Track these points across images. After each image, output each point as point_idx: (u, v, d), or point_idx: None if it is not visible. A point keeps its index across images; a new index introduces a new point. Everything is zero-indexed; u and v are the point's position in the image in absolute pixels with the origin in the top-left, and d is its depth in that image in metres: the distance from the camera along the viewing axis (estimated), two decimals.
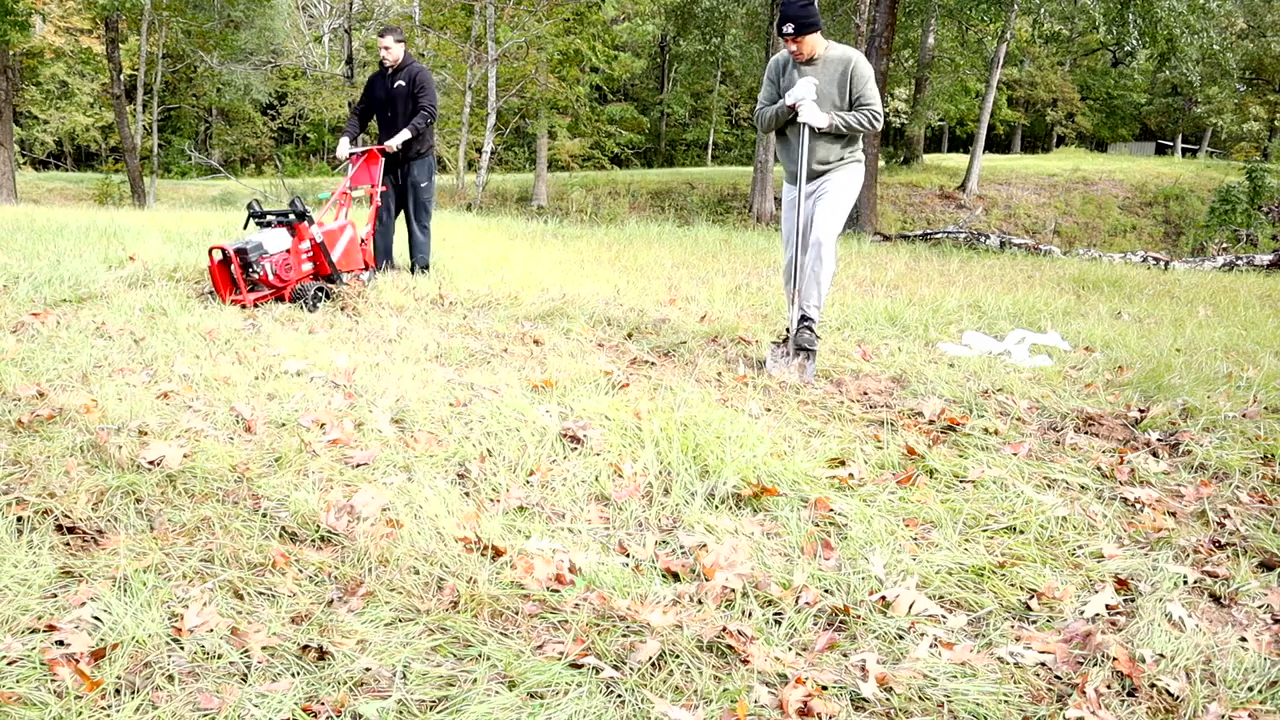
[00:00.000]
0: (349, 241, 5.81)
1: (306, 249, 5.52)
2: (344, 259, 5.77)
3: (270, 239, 5.33)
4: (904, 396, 4.07)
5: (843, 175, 4.49)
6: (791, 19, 4.15)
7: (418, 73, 6.27)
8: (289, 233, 5.45)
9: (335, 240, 5.69)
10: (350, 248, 5.82)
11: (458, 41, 20.59)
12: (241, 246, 5.21)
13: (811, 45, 4.27)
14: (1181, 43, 18.38)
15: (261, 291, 5.33)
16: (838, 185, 4.48)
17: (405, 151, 6.29)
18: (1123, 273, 9.27)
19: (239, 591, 2.28)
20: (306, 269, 5.54)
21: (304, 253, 5.51)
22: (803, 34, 4.19)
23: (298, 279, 5.47)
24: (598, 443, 3.22)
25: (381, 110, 6.42)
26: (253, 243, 5.25)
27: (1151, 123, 41.65)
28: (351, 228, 5.82)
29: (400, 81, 6.26)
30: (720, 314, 5.71)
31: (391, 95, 6.31)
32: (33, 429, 3.11)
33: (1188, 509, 3.03)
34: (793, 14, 4.15)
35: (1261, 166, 19.84)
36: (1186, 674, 2.11)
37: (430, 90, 6.29)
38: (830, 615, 2.35)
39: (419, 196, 6.46)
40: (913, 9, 21.11)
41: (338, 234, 5.73)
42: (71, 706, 1.80)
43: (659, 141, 40.61)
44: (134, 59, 23.14)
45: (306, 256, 5.53)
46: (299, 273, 5.47)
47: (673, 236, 11.45)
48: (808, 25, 4.17)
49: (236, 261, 5.18)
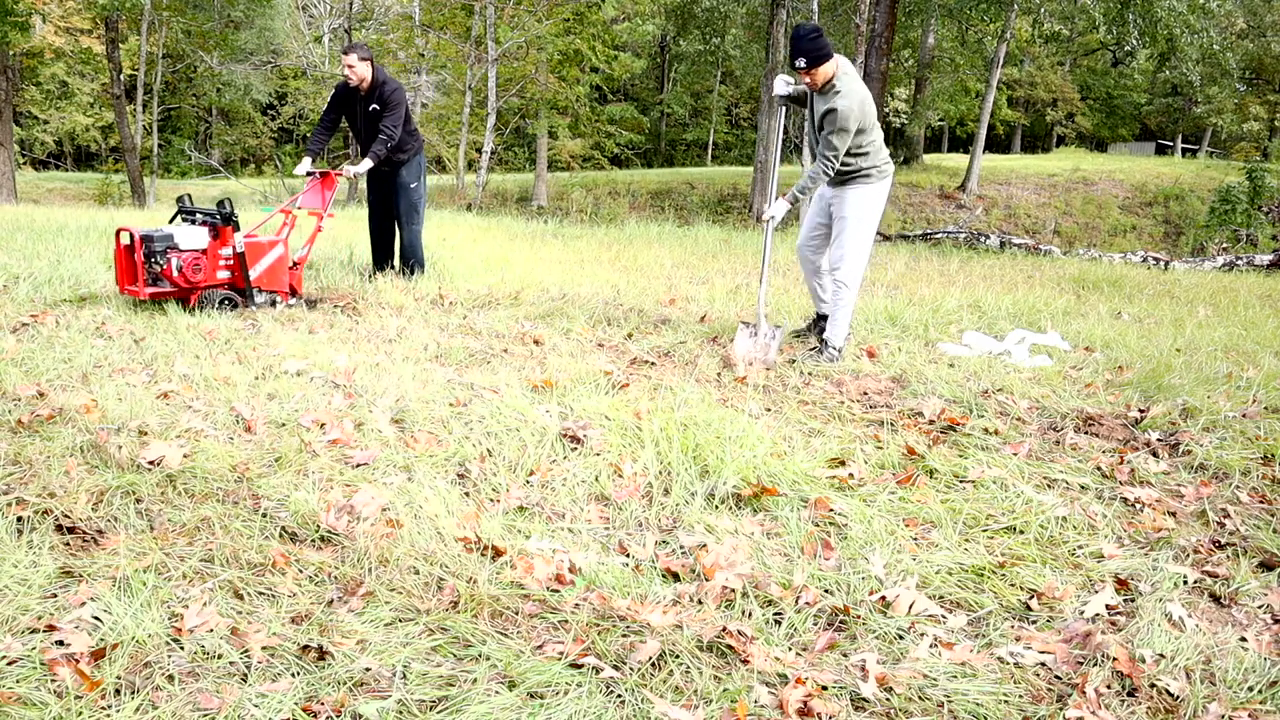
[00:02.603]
0: (276, 260, 5.33)
1: (227, 256, 5.15)
2: (266, 276, 5.30)
3: (185, 234, 4.98)
4: (904, 396, 4.07)
5: (857, 198, 4.56)
6: (803, 53, 4.24)
7: (389, 94, 5.89)
8: (210, 234, 5.08)
9: (260, 255, 5.25)
10: (276, 267, 5.34)
11: (458, 41, 20.59)
12: (149, 234, 4.85)
13: (823, 74, 4.34)
14: (1181, 43, 18.38)
15: (163, 287, 4.96)
16: (851, 213, 4.56)
17: (390, 157, 6.04)
18: (1123, 273, 9.27)
19: (239, 591, 2.28)
20: (222, 276, 5.17)
21: (223, 258, 5.14)
22: (815, 66, 4.28)
23: (207, 284, 5.09)
24: (598, 443, 3.22)
25: (356, 133, 6.16)
26: (162, 233, 4.90)
27: (1151, 123, 41.65)
28: (283, 247, 5.37)
29: (374, 105, 5.92)
30: (720, 314, 5.71)
31: (368, 116, 5.98)
32: (33, 429, 3.11)
33: (1188, 509, 3.03)
34: (804, 48, 4.23)
35: (1261, 166, 19.83)
36: (1186, 674, 2.11)
37: (395, 112, 5.87)
38: (830, 615, 2.35)
39: (408, 198, 6.24)
40: (913, 9, 21.11)
41: (264, 249, 5.28)
42: (71, 706, 1.80)
43: (659, 141, 40.61)
44: (134, 59, 23.14)
45: (225, 263, 5.16)
46: (211, 277, 5.09)
47: (673, 236, 11.45)
48: (819, 58, 4.25)
49: (140, 249, 4.81)
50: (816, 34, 4.25)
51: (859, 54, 15.03)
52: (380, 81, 5.90)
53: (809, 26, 4.28)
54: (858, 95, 4.35)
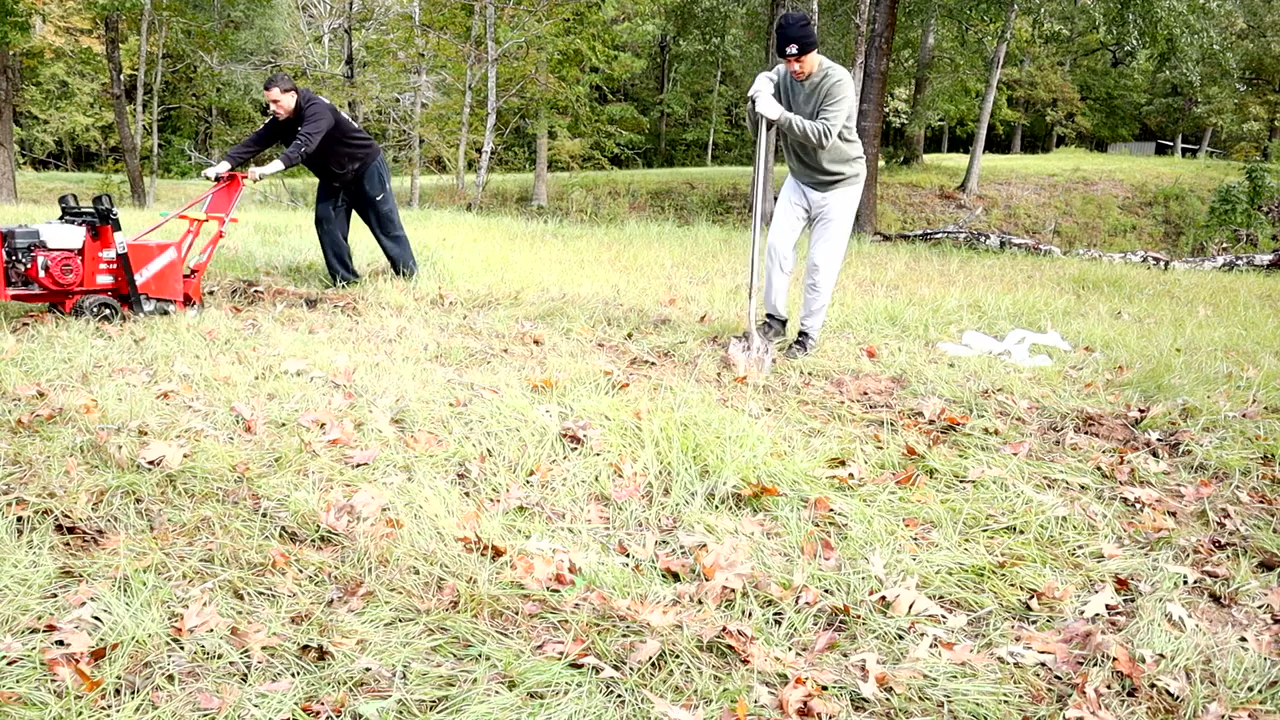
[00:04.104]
0: (167, 266, 4.95)
1: (110, 259, 4.78)
2: (155, 282, 4.92)
3: (55, 233, 4.61)
4: (904, 396, 4.07)
5: (843, 200, 4.71)
6: (794, 39, 4.35)
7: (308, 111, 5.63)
8: (89, 234, 4.71)
9: (146, 259, 4.88)
10: (167, 273, 4.95)
11: (458, 41, 20.58)
12: (10, 230, 4.47)
13: (811, 64, 4.47)
14: (1181, 43, 18.36)
15: (31, 290, 4.58)
16: (839, 214, 4.71)
17: (340, 171, 5.89)
18: (1123, 273, 9.27)
19: (239, 591, 2.28)
20: (104, 281, 4.81)
21: (104, 261, 4.78)
22: (805, 53, 4.39)
23: (83, 287, 4.73)
24: (598, 443, 3.22)
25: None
26: (26, 230, 4.53)
27: (1151, 123, 41.64)
28: (175, 251, 5.01)
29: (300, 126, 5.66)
30: (720, 314, 5.71)
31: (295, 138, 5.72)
32: (33, 429, 3.11)
33: (1188, 509, 3.03)
34: (794, 35, 4.35)
35: (1261, 166, 19.84)
36: (1186, 674, 2.11)
37: (313, 121, 5.58)
38: (830, 615, 2.35)
39: (379, 210, 6.08)
40: (913, 9, 21.09)
41: (152, 253, 4.91)
42: (71, 706, 1.80)
43: (659, 141, 40.60)
44: (134, 59, 23.13)
45: (106, 267, 4.79)
46: (88, 281, 4.74)
47: (673, 236, 11.44)
48: (809, 45, 4.37)
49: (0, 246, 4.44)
50: (805, 22, 4.39)
51: (859, 54, 15.03)
52: (303, 105, 5.68)
53: (797, 15, 4.42)
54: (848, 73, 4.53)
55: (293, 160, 5.56)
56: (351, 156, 5.91)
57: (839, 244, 4.74)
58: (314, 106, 5.69)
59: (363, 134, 6.03)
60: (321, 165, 5.92)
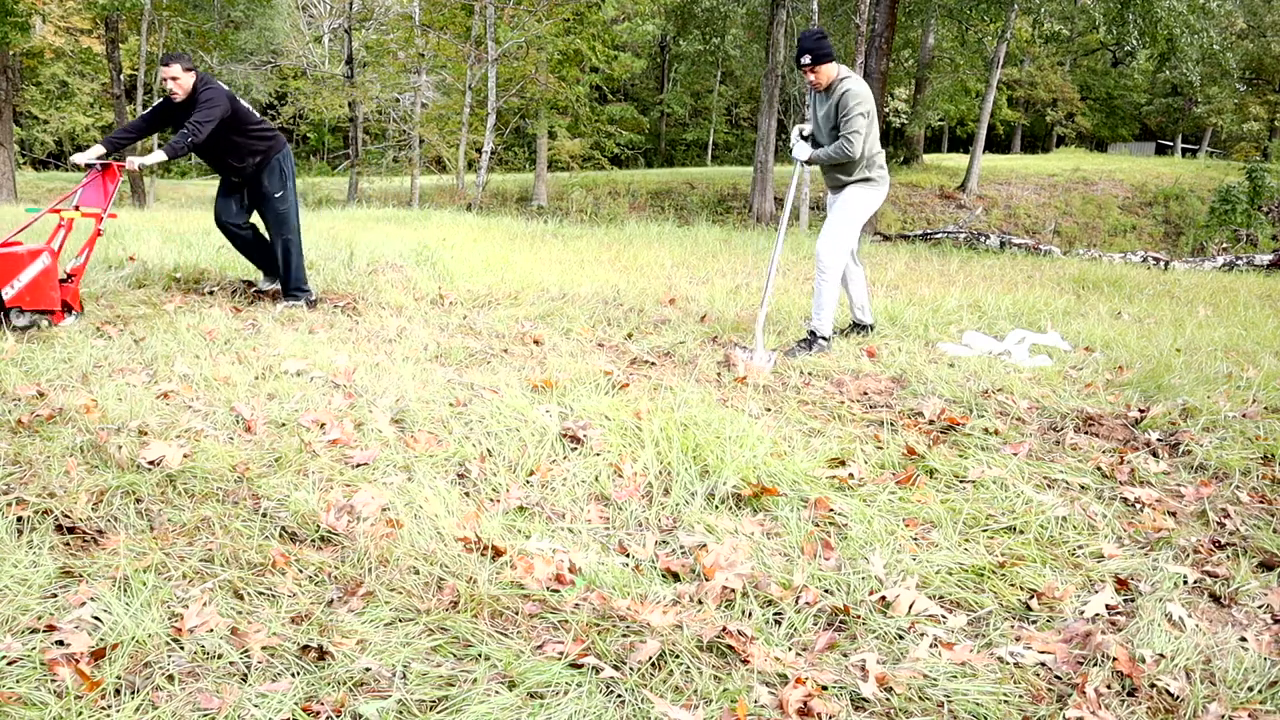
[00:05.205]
0: (41, 273, 4.40)
1: None
2: (28, 292, 4.36)
3: None
4: (904, 396, 4.07)
5: (853, 190, 4.80)
6: (808, 50, 4.48)
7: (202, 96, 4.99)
8: None
9: (17, 268, 4.32)
10: (41, 281, 4.40)
11: (458, 41, 20.58)
12: None
13: (827, 74, 4.58)
14: (1181, 43, 18.36)
15: None
16: (844, 200, 4.80)
17: (239, 165, 5.26)
18: (1123, 273, 9.27)
19: (239, 591, 2.28)
20: None
21: None
22: (819, 64, 4.51)
23: None
24: (598, 443, 3.22)
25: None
26: None
27: (1151, 123, 41.63)
28: (48, 256, 4.46)
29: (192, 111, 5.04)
30: (720, 314, 5.71)
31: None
32: (33, 429, 3.11)
33: (1188, 509, 3.03)
34: (809, 46, 4.49)
35: (1261, 166, 19.84)
36: (1186, 674, 2.11)
37: (205, 109, 4.93)
38: (830, 615, 2.35)
39: (276, 208, 5.36)
40: (913, 9, 21.10)
41: (23, 260, 4.35)
42: (71, 706, 1.80)
43: (659, 141, 40.60)
44: (134, 59, 23.13)
45: None
46: None
47: (673, 236, 11.44)
48: (823, 56, 4.49)
49: None
50: (821, 35, 4.55)
51: (859, 54, 15.02)
52: (199, 89, 5.05)
53: (815, 29, 4.59)
54: (865, 85, 4.61)
55: (178, 151, 4.95)
56: (251, 150, 5.27)
57: (835, 233, 4.75)
58: (209, 91, 5.04)
59: (265, 125, 5.41)
60: (218, 158, 5.27)
